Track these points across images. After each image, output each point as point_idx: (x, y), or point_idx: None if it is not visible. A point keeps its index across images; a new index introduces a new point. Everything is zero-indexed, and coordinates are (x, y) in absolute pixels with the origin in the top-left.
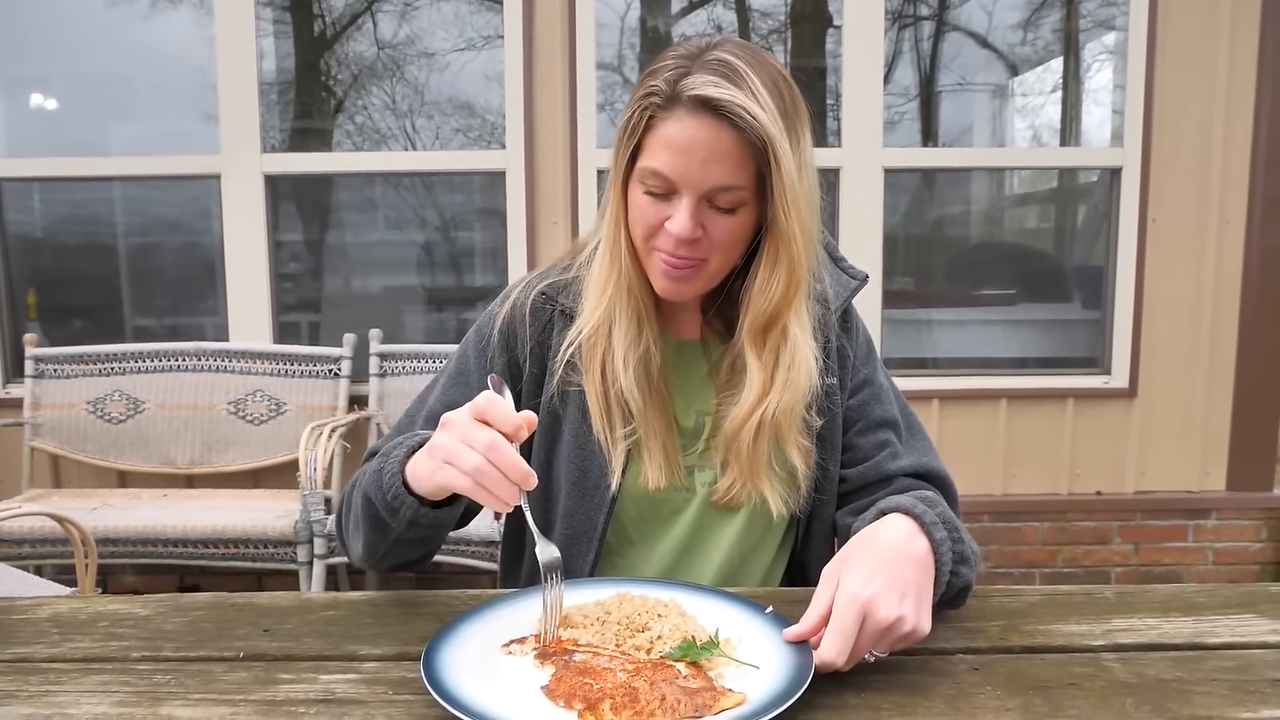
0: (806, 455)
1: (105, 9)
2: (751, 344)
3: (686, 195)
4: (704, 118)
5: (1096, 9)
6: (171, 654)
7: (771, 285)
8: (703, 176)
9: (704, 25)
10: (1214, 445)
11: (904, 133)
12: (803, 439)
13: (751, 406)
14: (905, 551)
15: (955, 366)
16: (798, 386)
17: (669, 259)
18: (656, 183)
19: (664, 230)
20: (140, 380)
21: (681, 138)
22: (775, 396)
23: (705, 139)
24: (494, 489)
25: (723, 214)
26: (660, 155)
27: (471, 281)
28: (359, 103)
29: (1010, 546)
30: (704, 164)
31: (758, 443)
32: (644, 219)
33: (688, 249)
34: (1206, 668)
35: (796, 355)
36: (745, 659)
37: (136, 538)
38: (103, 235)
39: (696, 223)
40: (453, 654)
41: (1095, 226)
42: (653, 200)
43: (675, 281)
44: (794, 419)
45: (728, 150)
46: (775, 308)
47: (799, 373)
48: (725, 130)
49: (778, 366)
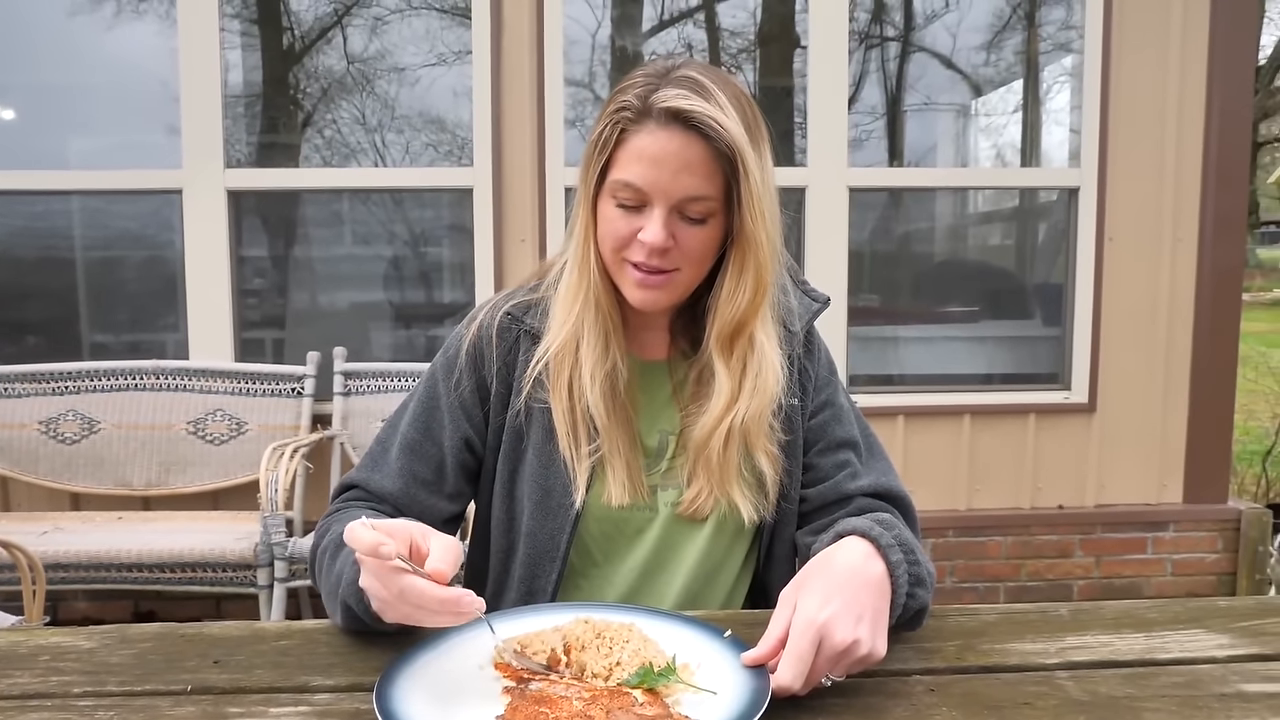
0: (774, 461)
1: (66, 19)
2: (719, 352)
3: (658, 206)
4: (674, 129)
5: (1056, 32)
6: (116, 688)
7: (739, 293)
8: (674, 186)
9: (674, 43)
10: (1171, 459)
11: (871, 151)
12: (770, 445)
13: (720, 413)
14: (862, 575)
15: (920, 383)
16: (766, 393)
17: (641, 269)
18: (628, 195)
19: (636, 242)
20: (96, 399)
21: (653, 149)
22: (744, 403)
23: (676, 149)
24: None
25: (693, 224)
26: (632, 167)
27: (439, 298)
28: (328, 117)
29: (974, 561)
30: (675, 174)
31: (728, 450)
32: (615, 232)
33: (660, 259)
34: (1157, 684)
35: (764, 363)
36: (703, 684)
37: (89, 562)
38: (60, 249)
39: (669, 232)
40: (407, 684)
41: (1055, 245)
42: (624, 213)
43: (648, 291)
44: (762, 425)
45: (698, 160)
46: (743, 315)
47: (766, 379)
48: (695, 141)
49: (745, 374)
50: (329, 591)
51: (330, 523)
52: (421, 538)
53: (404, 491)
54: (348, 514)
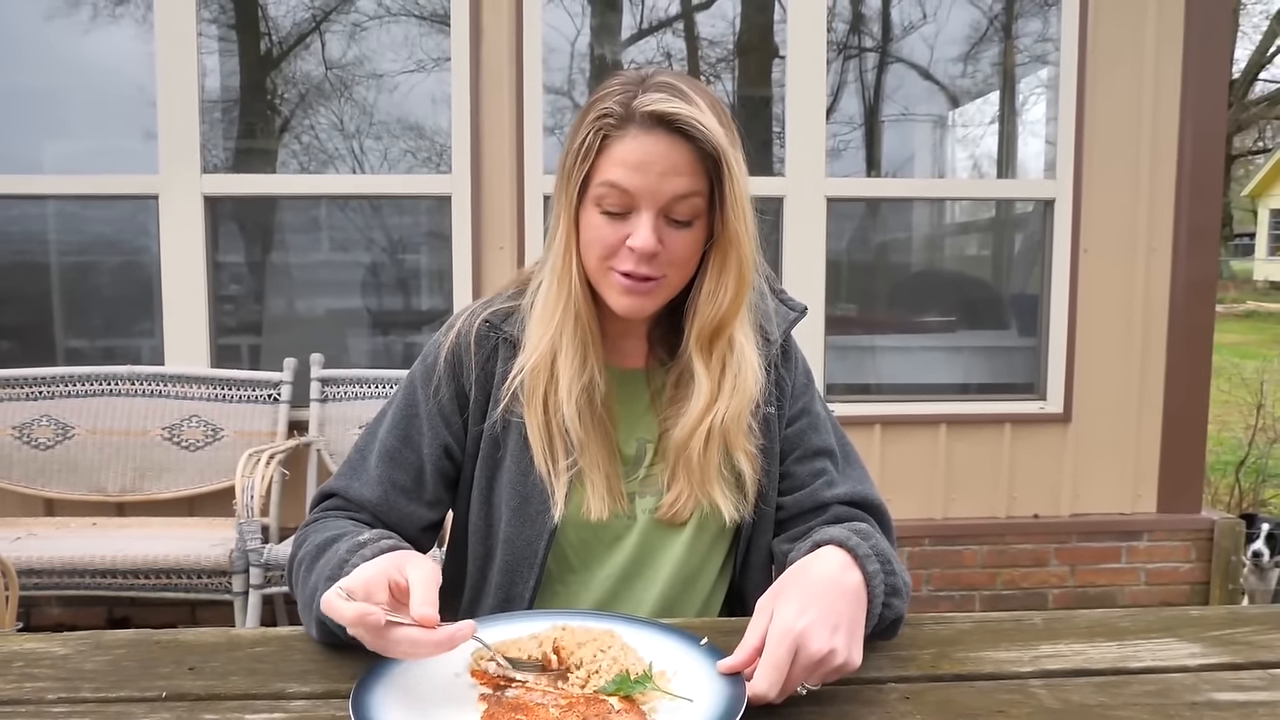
0: (753, 461)
1: (42, 22)
2: (699, 352)
3: (646, 210)
4: (659, 133)
5: (1032, 44)
6: (90, 695)
7: (720, 292)
8: (661, 189)
9: (654, 52)
10: (1145, 468)
11: (849, 161)
12: (749, 445)
13: (700, 414)
14: (838, 584)
15: (897, 392)
16: (745, 393)
17: (629, 276)
18: (615, 201)
19: (624, 249)
20: (70, 405)
21: (639, 153)
22: (724, 403)
23: (662, 152)
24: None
25: (679, 228)
26: (618, 172)
27: (418, 305)
28: (305, 122)
29: (950, 569)
30: (662, 176)
31: (708, 450)
32: (601, 239)
33: (649, 265)
34: (1128, 692)
35: (743, 363)
36: (679, 692)
37: (63, 568)
38: (34, 254)
39: (657, 237)
40: (383, 692)
41: (1031, 255)
42: (609, 220)
43: (634, 298)
44: (741, 425)
45: (684, 162)
46: (724, 314)
47: (745, 379)
48: (680, 144)
49: (725, 374)
50: (304, 604)
51: (309, 532)
52: (398, 572)
53: (383, 499)
54: (327, 523)
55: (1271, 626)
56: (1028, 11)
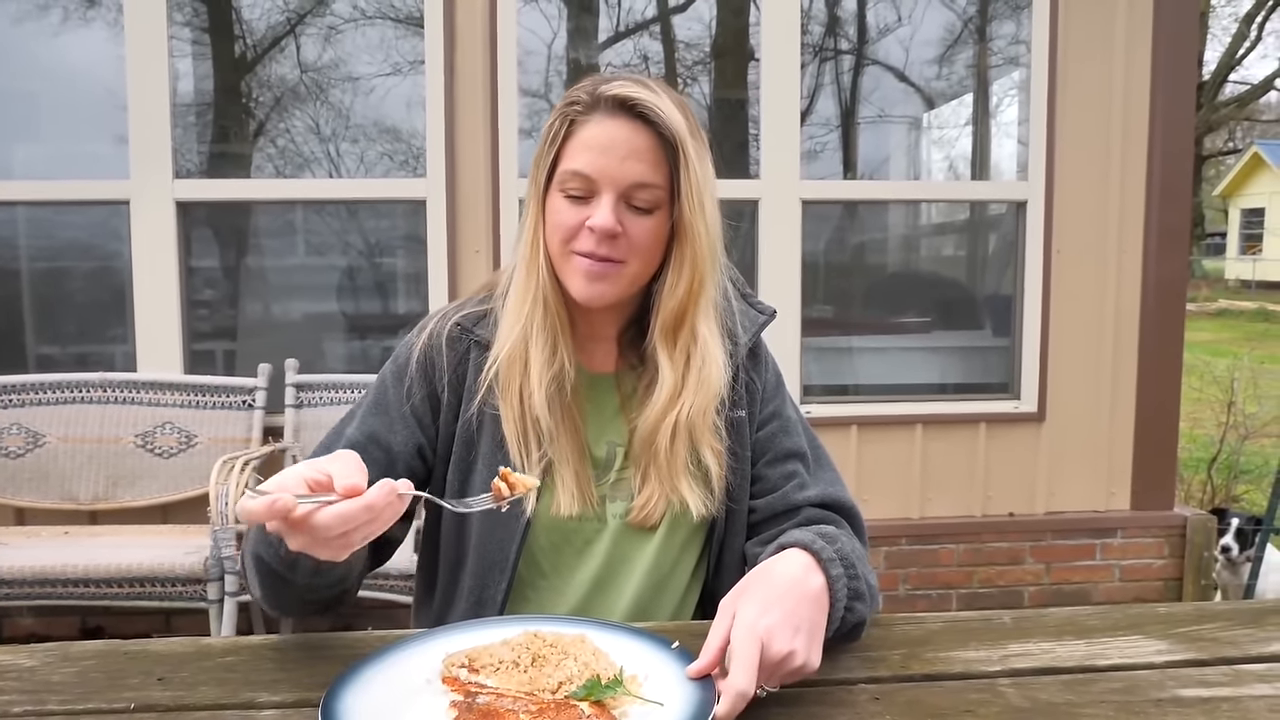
0: (719, 457)
1: (11, 25)
2: (663, 344)
3: (606, 193)
4: (622, 118)
5: (1005, 47)
6: (57, 707)
7: (679, 284)
8: (622, 173)
9: (630, 55)
10: (1118, 466)
11: (824, 163)
12: (715, 442)
13: (665, 406)
14: (801, 587)
15: (873, 393)
16: (709, 387)
17: (588, 258)
18: (577, 184)
19: (584, 230)
20: (41, 412)
21: (602, 137)
22: (689, 398)
23: (624, 136)
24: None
25: (640, 215)
26: (581, 156)
27: (393, 309)
28: (280, 126)
29: (928, 568)
30: (623, 160)
31: (674, 445)
32: (564, 223)
33: (608, 246)
34: (1096, 690)
35: (707, 356)
36: (650, 696)
37: (34, 578)
38: (4, 260)
39: (616, 218)
40: (353, 700)
41: (1004, 256)
42: (572, 204)
43: (594, 283)
44: (707, 421)
45: (645, 148)
46: (681, 304)
47: (710, 373)
48: (641, 129)
49: (689, 367)
50: (245, 568)
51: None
52: (315, 470)
53: None
54: None
55: (1236, 623)
56: (1001, 14)
